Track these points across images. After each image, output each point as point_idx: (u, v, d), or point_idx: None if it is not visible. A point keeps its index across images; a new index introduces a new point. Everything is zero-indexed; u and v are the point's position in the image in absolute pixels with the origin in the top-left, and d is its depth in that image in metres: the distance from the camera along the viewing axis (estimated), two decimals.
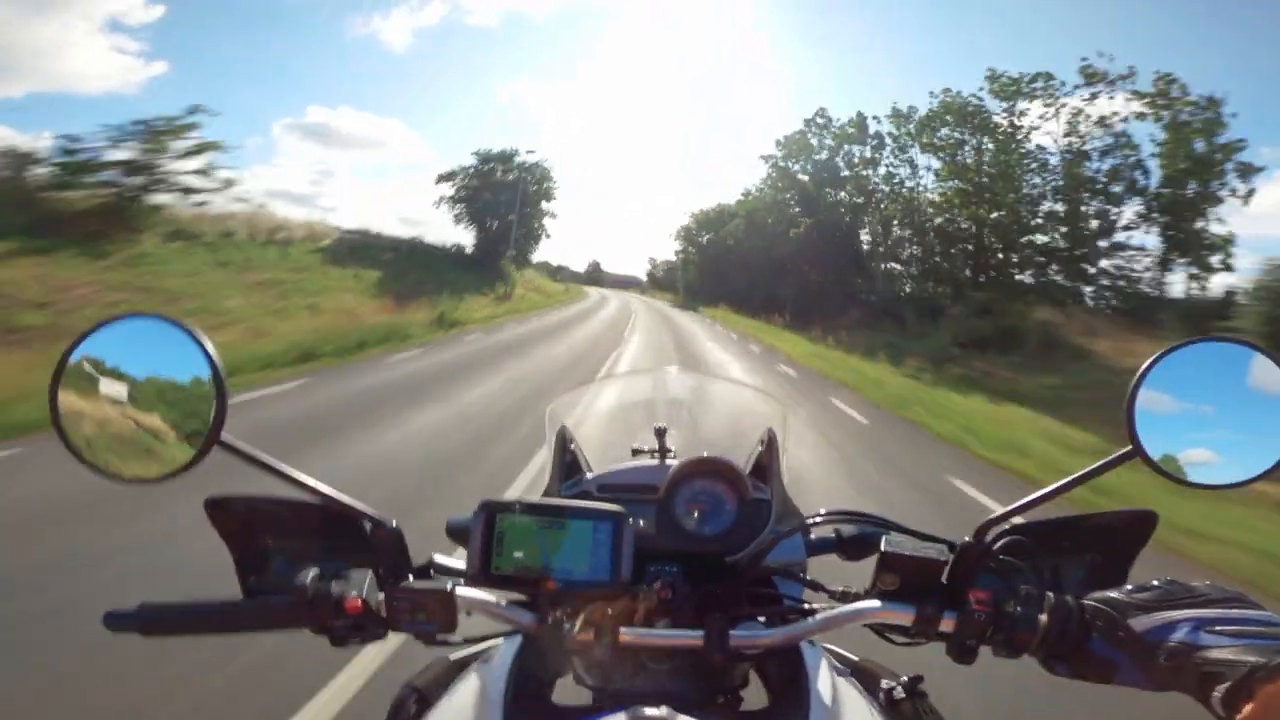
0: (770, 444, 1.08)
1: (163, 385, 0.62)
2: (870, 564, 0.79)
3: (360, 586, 0.68)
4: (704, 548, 0.92)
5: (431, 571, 0.79)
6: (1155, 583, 0.62)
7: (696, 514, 0.95)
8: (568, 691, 0.88)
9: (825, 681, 0.81)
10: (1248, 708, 0.46)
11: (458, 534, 0.93)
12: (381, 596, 0.69)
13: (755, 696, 0.88)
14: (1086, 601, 0.65)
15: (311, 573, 0.68)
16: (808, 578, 0.88)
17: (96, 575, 3.05)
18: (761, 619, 0.82)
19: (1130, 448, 0.65)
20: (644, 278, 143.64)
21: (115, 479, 0.61)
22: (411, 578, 0.73)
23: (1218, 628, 0.55)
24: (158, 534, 3.40)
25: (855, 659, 0.93)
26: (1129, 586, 0.64)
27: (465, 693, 0.84)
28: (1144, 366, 0.65)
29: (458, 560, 0.80)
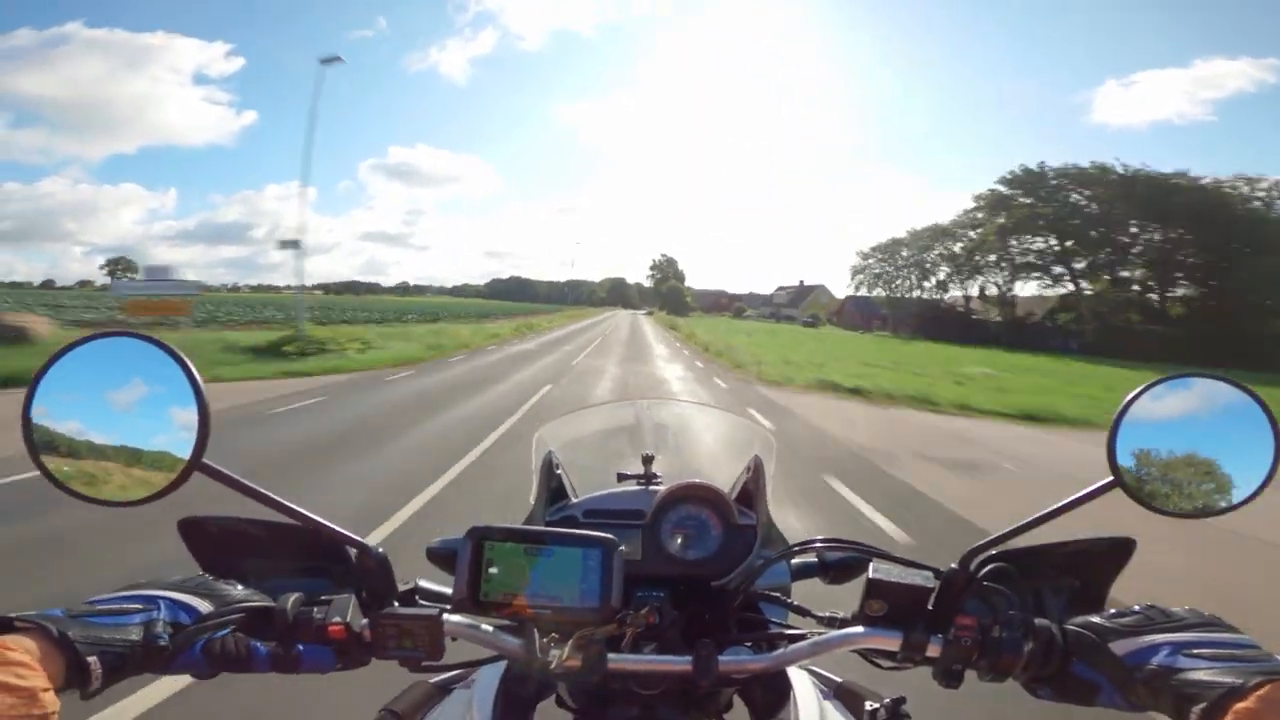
0: (756, 470, 1.08)
1: (143, 406, 0.59)
2: (852, 587, 0.78)
3: (344, 612, 0.67)
4: (690, 572, 0.92)
5: (417, 597, 0.77)
6: (1136, 608, 0.64)
7: (682, 539, 0.95)
8: (550, 715, 0.87)
9: (811, 705, 0.82)
10: None
11: (440, 558, 0.94)
12: (365, 622, 0.68)
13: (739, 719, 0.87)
14: (1068, 626, 0.66)
15: (293, 596, 0.67)
16: (793, 602, 0.88)
17: None
18: (749, 644, 0.82)
19: (1112, 478, 0.67)
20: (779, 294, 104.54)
21: (91, 501, 0.59)
22: (397, 604, 0.72)
23: (1195, 651, 0.57)
24: None
25: (839, 680, 0.93)
26: (1111, 611, 0.65)
27: (447, 718, 0.84)
28: (1126, 400, 0.68)
29: (443, 585, 0.79)
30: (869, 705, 0.81)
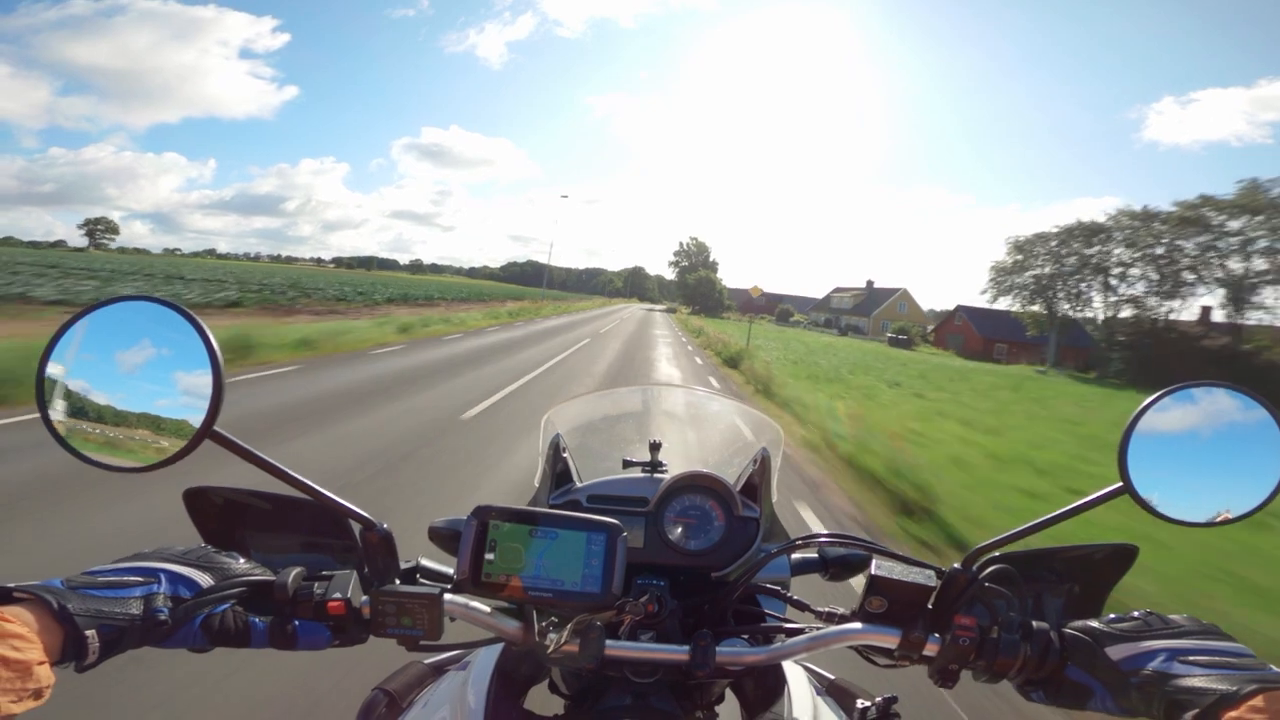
0: (763, 464, 1.07)
1: (158, 371, 0.59)
2: (850, 584, 0.78)
3: (344, 588, 0.67)
4: (691, 562, 0.92)
5: (418, 576, 0.78)
6: (1135, 614, 0.64)
7: (684, 529, 0.95)
8: (541, 699, 0.88)
9: (805, 700, 0.82)
10: None
11: (442, 538, 0.94)
12: (365, 599, 0.68)
13: (729, 712, 0.88)
14: (1066, 630, 0.66)
15: (294, 570, 0.67)
16: (792, 596, 0.88)
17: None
18: (746, 636, 0.82)
19: (1121, 484, 0.67)
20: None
21: (98, 466, 0.59)
22: (398, 581, 0.72)
23: (1191, 658, 0.57)
24: None
25: (831, 678, 0.94)
26: (1110, 616, 0.65)
27: (443, 698, 0.85)
28: (1139, 408, 0.67)
29: (444, 565, 0.79)
30: (860, 703, 0.81)
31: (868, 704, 0.80)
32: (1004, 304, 47.14)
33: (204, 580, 0.63)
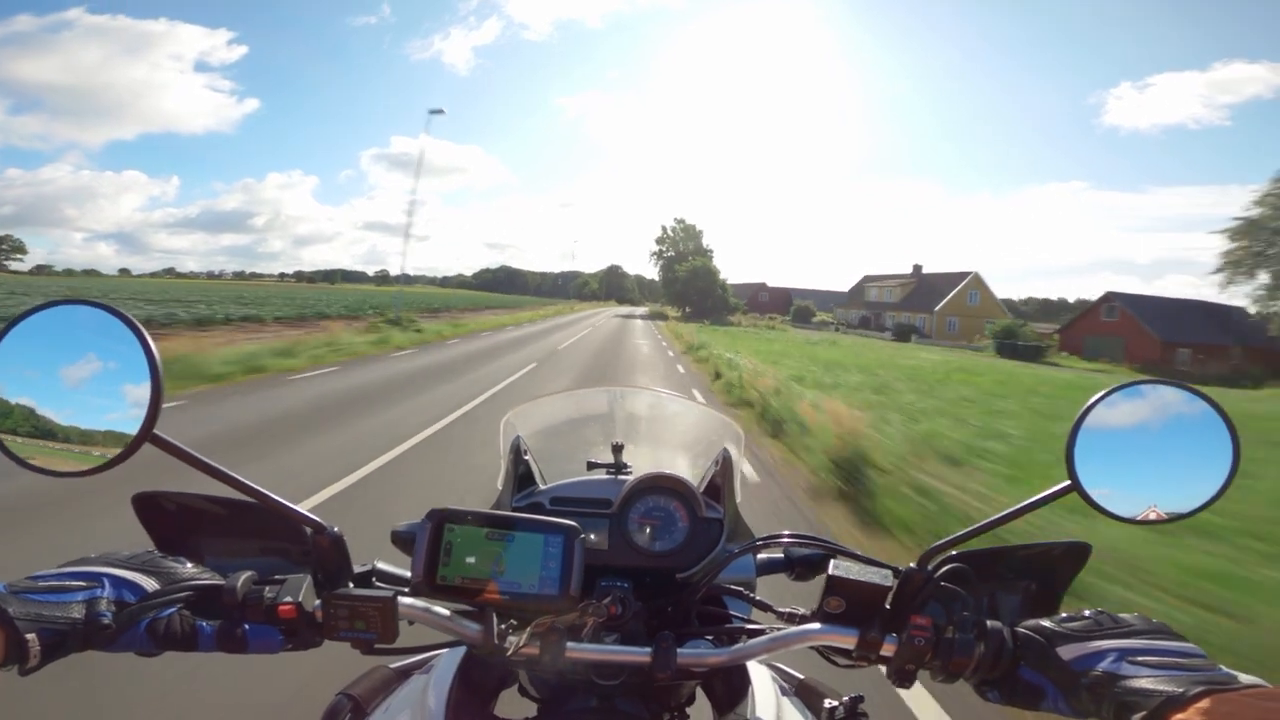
0: (725, 464, 1.08)
1: (98, 374, 0.58)
2: (818, 584, 0.79)
3: (296, 591, 0.66)
4: (655, 563, 0.92)
5: (374, 579, 0.77)
6: (1086, 613, 0.64)
7: (649, 530, 0.95)
8: (511, 704, 0.87)
9: (770, 701, 0.82)
10: None
11: (403, 541, 0.93)
12: (318, 603, 0.67)
13: (701, 713, 0.88)
14: (1019, 629, 0.67)
15: (244, 574, 0.66)
16: (757, 597, 0.88)
17: None
18: (710, 637, 0.82)
19: (1069, 483, 0.68)
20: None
21: (40, 472, 0.58)
22: (352, 585, 0.71)
23: (1140, 658, 0.57)
24: None
25: (800, 677, 0.94)
26: (1061, 615, 0.66)
27: (404, 703, 0.83)
28: (1085, 406, 0.68)
29: (402, 569, 0.78)
30: (828, 703, 0.81)
31: (835, 703, 0.80)
32: (1240, 291, 30.81)
33: (149, 585, 0.62)
